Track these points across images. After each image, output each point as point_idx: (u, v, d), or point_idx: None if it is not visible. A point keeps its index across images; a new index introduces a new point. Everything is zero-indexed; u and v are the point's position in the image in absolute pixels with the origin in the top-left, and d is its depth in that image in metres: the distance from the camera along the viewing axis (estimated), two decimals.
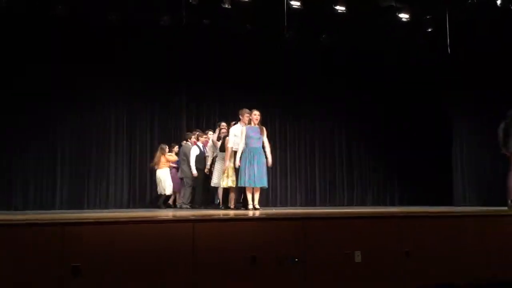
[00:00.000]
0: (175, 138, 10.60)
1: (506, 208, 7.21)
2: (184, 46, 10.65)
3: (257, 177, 7.27)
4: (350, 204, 12.01)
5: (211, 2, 8.96)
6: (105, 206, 10.15)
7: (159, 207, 10.05)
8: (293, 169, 11.89)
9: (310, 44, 11.06)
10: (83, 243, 4.09)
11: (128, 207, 10.33)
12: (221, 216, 5.18)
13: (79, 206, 9.89)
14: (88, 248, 4.09)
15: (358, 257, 4.93)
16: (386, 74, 11.76)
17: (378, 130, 12.23)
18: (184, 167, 9.68)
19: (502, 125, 6.83)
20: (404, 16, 9.31)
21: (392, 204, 12.17)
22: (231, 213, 6.41)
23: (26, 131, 9.69)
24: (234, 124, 8.20)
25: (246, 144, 7.41)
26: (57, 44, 9.79)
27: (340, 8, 9.00)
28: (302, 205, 11.62)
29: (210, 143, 9.32)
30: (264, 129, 7.53)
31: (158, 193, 10.27)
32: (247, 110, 7.72)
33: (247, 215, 5.67)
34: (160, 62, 10.66)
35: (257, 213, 6.31)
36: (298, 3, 8.82)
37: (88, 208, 9.93)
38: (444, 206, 10.13)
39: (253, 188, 7.38)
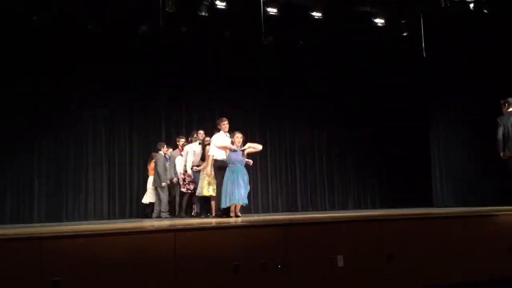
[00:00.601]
0: (155, 148, 10.48)
1: (487, 208, 7.34)
2: (162, 55, 10.59)
3: (244, 196, 7.42)
4: (332, 208, 12.05)
5: (188, 10, 8.93)
6: (85, 218, 9.97)
7: (146, 216, 9.95)
8: (274, 174, 11.89)
9: (289, 49, 11.11)
10: (62, 257, 4.02)
11: (108, 218, 10.17)
12: (203, 224, 5.14)
13: (58, 219, 9.69)
14: (67, 261, 4.03)
15: (340, 261, 4.94)
16: (365, 77, 11.86)
17: (358, 133, 12.31)
18: (156, 177, 9.64)
19: (499, 130, 7.15)
20: (379, 21, 9.42)
21: (374, 206, 12.25)
22: (213, 221, 6.37)
23: (2, 144, 9.48)
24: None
25: (228, 166, 7.49)
26: (34, 55, 9.63)
27: (316, 14, 9.07)
28: (284, 210, 11.61)
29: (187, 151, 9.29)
30: (245, 148, 7.68)
31: (143, 202, 10.13)
32: (224, 119, 7.90)
33: (229, 223, 5.64)
34: (138, 71, 10.55)
35: (239, 220, 6.28)
36: (275, 10, 8.85)
37: (67, 220, 9.74)
38: (424, 208, 10.24)
39: None
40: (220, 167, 7.74)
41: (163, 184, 9.50)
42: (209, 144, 8.36)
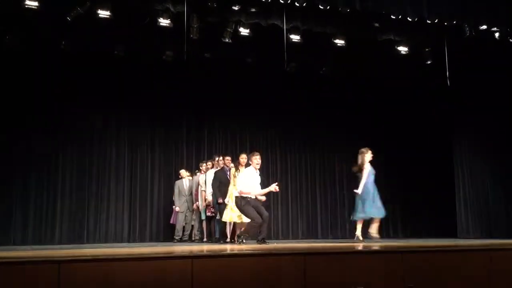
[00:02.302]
0: (175, 172, 10.57)
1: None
2: (185, 79, 10.73)
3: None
4: (352, 236, 11.80)
5: (212, 37, 9.06)
6: (105, 240, 10.03)
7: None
8: (295, 201, 11.80)
9: (312, 76, 11.14)
10: (81, 281, 4.01)
11: (128, 241, 10.21)
12: (220, 251, 5.10)
13: (79, 240, 9.79)
14: (85, 286, 4.01)
15: None
16: (389, 105, 11.81)
17: (380, 161, 12.15)
18: (177, 201, 9.94)
19: None
20: (403, 49, 9.38)
21: (396, 236, 12.00)
22: (232, 248, 6.31)
23: (26, 165, 9.67)
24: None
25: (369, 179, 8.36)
26: (58, 77, 9.87)
27: (339, 42, 9.08)
28: (304, 237, 11.48)
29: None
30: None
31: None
32: (256, 153, 7.80)
33: (247, 250, 5.58)
34: (162, 95, 10.73)
35: (254, 247, 6.19)
36: (298, 37, 8.90)
37: (88, 242, 9.82)
38: (448, 239, 10.01)
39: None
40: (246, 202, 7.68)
41: (177, 208, 9.84)
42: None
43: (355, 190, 8.40)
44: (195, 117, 11.22)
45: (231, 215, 8.14)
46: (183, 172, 10.11)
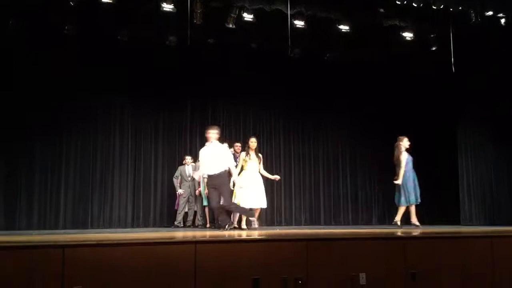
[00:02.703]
0: (179, 158, 10.59)
1: None
2: (188, 65, 10.67)
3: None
4: (355, 223, 11.88)
5: (216, 22, 9.01)
6: (109, 225, 10.07)
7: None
8: (298, 188, 11.80)
9: (316, 62, 11.07)
10: (84, 266, 4.05)
11: (132, 226, 10.26)
12: (223, 237, 5.12)
13: (83, 225, 9.82)
14: (88, 270, 4.06)
15: (362, 279, 4.86)
16: (392, 91, 11.74)
17: (383, 149, 12.12)
18: (177, 185, 10.08)
19: None
20: (408, 35, 9.31)
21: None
22: (234, 233, 6.34)
23: (31, 150, 9.69)
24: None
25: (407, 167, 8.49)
26: (61, 63, 9.82)
27: (344, 28, 9.02)
28: (307, 224, 11.51)
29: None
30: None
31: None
32: (214, 126, 7.91)
33: (250, 236, 5.61)
34: (165, 81, 10.69)
35: (257, 233, 6.23)
36: (302, 23, 8.84)
37: (92, 227, 9.86)
38: (451, 225, 10.02)
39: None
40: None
41: (180, 191, 9.97)
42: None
43: (395, 181, 8.57)
44: (199, 103, 11.19)
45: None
46: (188, 159, 10.14)
